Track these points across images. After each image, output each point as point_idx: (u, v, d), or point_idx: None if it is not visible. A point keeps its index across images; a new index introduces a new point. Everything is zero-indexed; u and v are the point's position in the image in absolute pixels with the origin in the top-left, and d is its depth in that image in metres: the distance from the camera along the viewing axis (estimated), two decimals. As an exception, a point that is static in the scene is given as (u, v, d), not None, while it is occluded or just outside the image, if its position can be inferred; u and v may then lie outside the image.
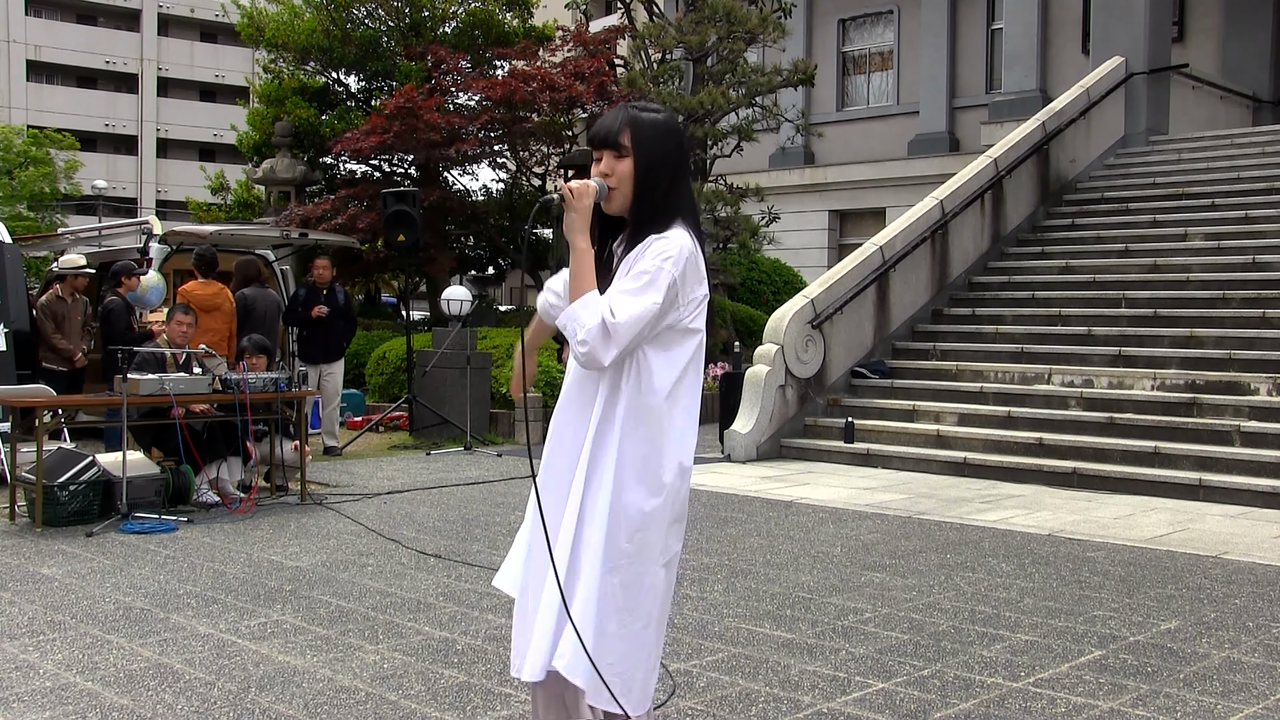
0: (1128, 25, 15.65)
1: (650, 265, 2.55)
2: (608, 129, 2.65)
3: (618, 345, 2.50)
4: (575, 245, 2.57)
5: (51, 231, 25.54)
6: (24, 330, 9.97)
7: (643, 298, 2.52)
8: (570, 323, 2.52)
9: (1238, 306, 10.95)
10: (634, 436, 2.60)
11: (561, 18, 22.80)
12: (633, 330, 2.51)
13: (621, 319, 2.49)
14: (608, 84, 16.31)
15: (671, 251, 2.57)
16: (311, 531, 7.13)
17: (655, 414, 2.61)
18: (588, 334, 2.48)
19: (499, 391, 12.76)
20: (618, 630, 2.58)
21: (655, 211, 2.64)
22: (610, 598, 2.58)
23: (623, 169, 2.63)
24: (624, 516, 2.60)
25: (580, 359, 2.53)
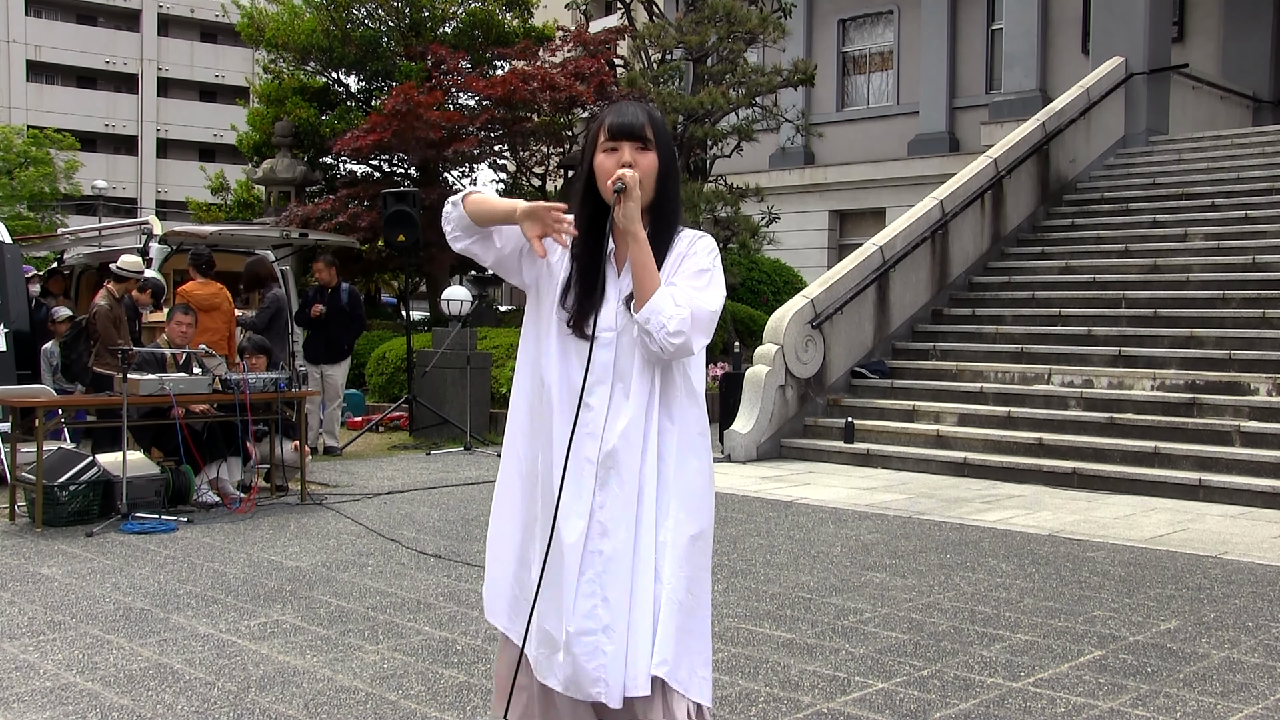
0: (1128, 25, 15.65)
1: (708, 262, 2.63)
2: (633, 120, 2.63)
3: (707, 334, 2.58)
4: (637, 236, 2.55)
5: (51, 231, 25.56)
6: (24, 330, 9.97)
7: (712, 291, 2.60)
8: (655, 315, 2.51)
9: (1238, 306, 10.95)
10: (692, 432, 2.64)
11: (561, 18, 22.80)
12: (713, 321, 2.59)
13: (712, 308, 2.58)
14: (608, 84, 16.31)
15: (715, 249, 2.67)
16: (311, 531, 7.13)
17: (700, 410, 2.68)
18: (681, 324, 2.51)
19: (499, 391, 12.76)
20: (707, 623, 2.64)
21: (673, 209, 2.69)
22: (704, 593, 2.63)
23: (647, 162, 2.61)
24: (708, 517, 2.65)
25: (671, 350, 2.53)
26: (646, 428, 2.59)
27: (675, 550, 2.57)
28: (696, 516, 2.61)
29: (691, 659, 2.57)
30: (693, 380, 2.67)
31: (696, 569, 2.60)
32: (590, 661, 2.52)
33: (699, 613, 2.60)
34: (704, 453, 2.67)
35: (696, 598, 2.59)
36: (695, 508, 2.61)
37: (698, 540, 2.61)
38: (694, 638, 2.58)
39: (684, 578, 2.57)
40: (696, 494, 2.62)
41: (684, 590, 2.56)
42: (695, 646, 2.58)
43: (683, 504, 2.60)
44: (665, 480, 2.60)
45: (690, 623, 2.57)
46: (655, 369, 2.61)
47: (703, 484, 2.64)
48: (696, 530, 2.60)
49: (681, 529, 2.58)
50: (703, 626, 2.61)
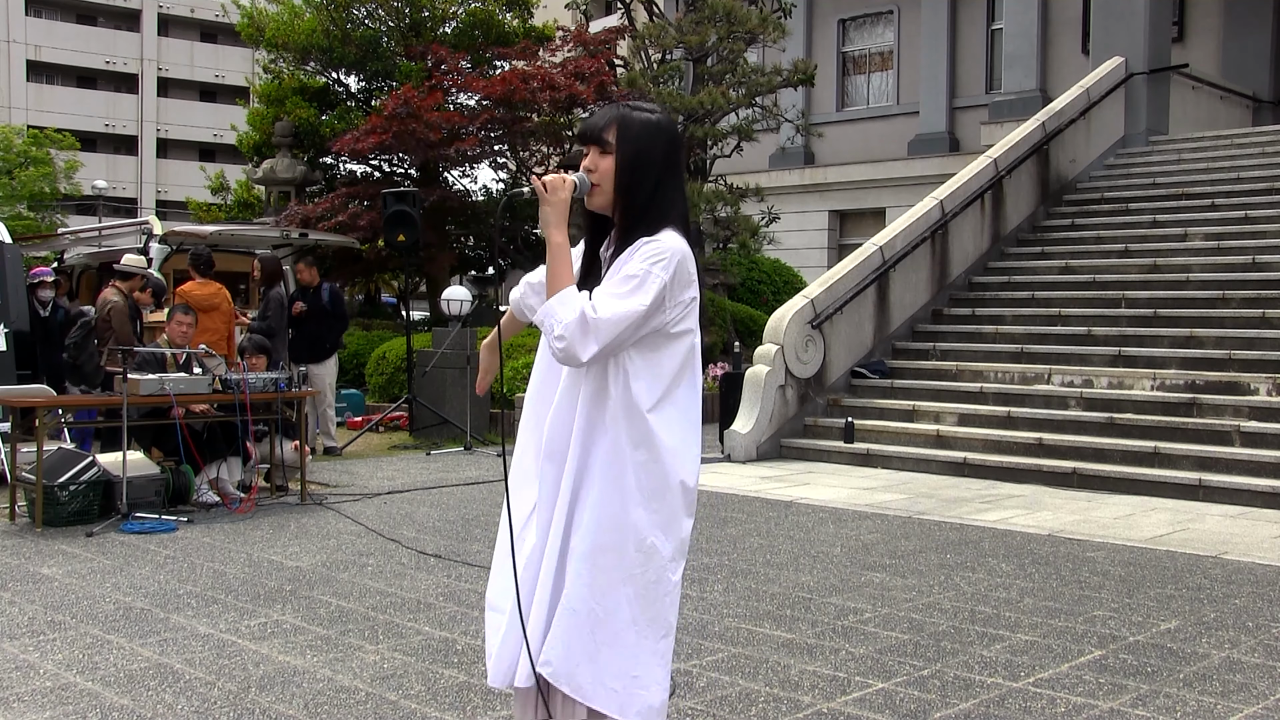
0: (1128, 25, 15.65)
1: (639, 269, 2.50)
2: (594, 125, 2.62)
3: (598, 342, 2.44)
4: (550, 239, 2.53)
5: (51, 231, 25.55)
6: (24, 330, 9.96)
7: (629, 300, 2.46)
8: (548, 318, 2.47)
9: (1238, 306, 10.95)
10: (623, 443, 2.55)
11: (561, 18, 22.80)
12: (615, 329, 2.44)
13: (604, 316, 2.43)
14: (608, 84, 16.31)
15: (663, 255, 2.51)
16: (311, 531, 7.13)
17: (645, 421, 2.55)
18: (565, 329, 2.43)
19: (499, 391, 12.76)
20: (634, 642, 2.55)
21: (641, 212, 2.58)
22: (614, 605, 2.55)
23: (605, 165, 2.59)
24: (635, 534, 2.56)
25: (557, 355, 2.48)
26: (568, 431, 2.58)
27: (578, 559, 2.54)
28: (612, 531, 2.54)
29: (599, 668, 2.52)
30: (634, 389, 2.54)
31: (610, 582, 2.53)
32: (490, 638, 2.66)
33: (610, 626, 2.53)
34: (636, 467, 2.54)
35: (603, 609, 2.53)
36: (611, 523, 2.54)
37: (608, 554, 2.54)
38: (602, 647, 2.53)
39: (585, 586, 2.52)
40: (615, 509, 2.54)
41: (582, 598, 2.52)
42: (605, 657, 2.53)
43: (594, 517, 2.54)
44: (584, 488, 2.57)
45: (594, 632, 2.52)
46: (582, 374, 2.57)
47: (625, 501, 2.54)
48: (610, 545, 2.54)
49: (587, 540, 2.54)
50: (616, 639, 2.54)
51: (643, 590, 2.56)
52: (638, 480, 2.55)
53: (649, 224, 2.58)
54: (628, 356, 2.53)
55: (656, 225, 2.58)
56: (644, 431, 2.55)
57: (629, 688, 2.54)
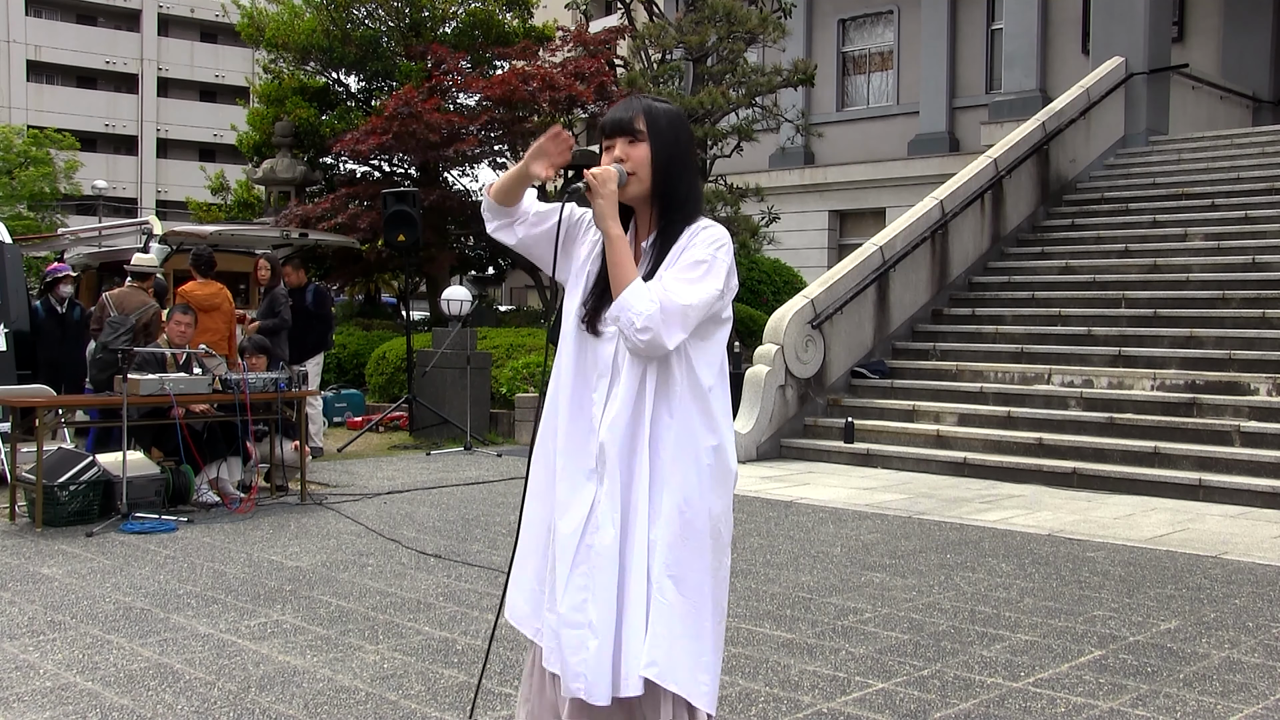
0: (1128, 25, 15.65)
1: (705, 254, 2.54)
2: (622, 115, 2.62)
3: (683, 329, 2.47)
4: (609, 233, 2.53)
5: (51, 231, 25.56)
6: (24, 330, 9.96)
7: (703, 284, 2.50)
8: (624, 312, 2.46)
9: (1238, 306, 10.95)
10: (697, 429, 2.56)
11: (561, 18, 22.80)
12: (697, 315, 2.49)
13: (687, 301, 2.47)
14: (608, 84, 16.31)
15: (722, 240, 2.57)
16: (311, 531, 7.13)
17: (710, 404, 2.59)
18: (648, 320, 2.43)
19: (499, 391, 12.76)
20: (711, 629, 2.56)
21: (679, 200, 2.62)
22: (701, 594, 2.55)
23: (638, 154, 2.59)
24: (709, 516, 2.57)
25: (641, 347, 2.47)
26: (638, 423, 2.55)
27: (664, 549, 2.52)
28: (692, 515, 2.54)
29: (690, 661, 2.50)
30: (699, 375, 2.57)
31: (692, 570, 2.53)
32: (573, 655, 2.51)
33: (695, 615, 2.52)
34: (708, 450, 2.57)
35: (690, 599, 2.52)
36: (691, 506, 2.54)
37: (694, 539, 2.53)
38: (690, 639, 2.51)
39: (673, 578, 2.51)
40: (692, 492, 2.54)
41: (673, 590, 2.50)
42: (692, 649, 2.51)
43: (677, 502, 2.53)
44: (659, 477, 2.54)
45: (684, 625, 2.50)
46: (648, 363, 2.55)
47: (702, 482, 2.56)
48: (693, 529, 2.53)
49: (673, 528, 2.52)
50: (699, 629, 2.53)
51: (717, 578, 2.59)
52: (711, 465, 2.58)
53: (685, 212, 2.62)
54: (688, 341, 2.55)
55: (693, 213, 2.63)
56: (710, 416, 2.59)
57: (713, 680, 2.56)
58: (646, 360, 2.54)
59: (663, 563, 2.51)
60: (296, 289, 11.06)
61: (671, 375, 2.57)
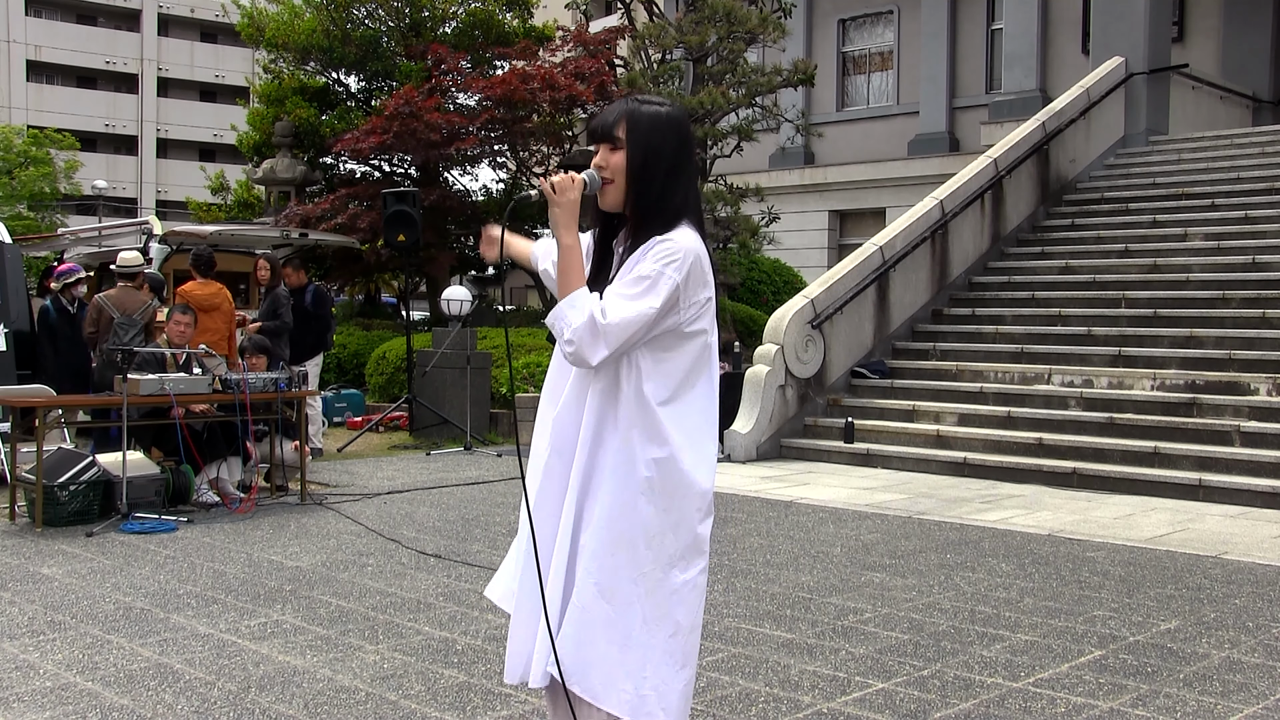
0: (1128, 25, 15.65)
1: (650, 269, 2.46)
2: (603, 121, 2.60)
3: (607, 347, 2.43)
4: (560, 241, 2.50)
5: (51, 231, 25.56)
6: (24, 330, 9.95)
7: (639, 302, 2.44)
8: (558, 321, 2.45)
9: (1238, 306, 10.95)
10: (639, 441, 2.53)
11: (561, 18, 22.80)
12: (624, 333, 2.43)
13: (613, 320, 2.42)
14: (608, 84, 16.30)
15: (676, 255, 2.48)
16: (311, 531, 7.13)
17: (659, 417, 2.53)
18: (574, 333, 2.42)
19: (499, 391, 12.76)
20: (646, 641, 2.52)
21: (654, 208, 2.55)
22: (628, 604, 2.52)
23: (616, 161, 2.56)
24: (645, 532, 2.53)
25: (568, 358, 2.49)
26: (578, 425, 2.57)
27: (588, 556, 2.52)
28: (624, 529, 2.51)
29: (610, 669, 2.49)
30: (646, 388, 2.51)
31: (619, 580, 2.51)
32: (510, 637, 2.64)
33: (620, 623, 2.51)
34: (648, 463, 2.52)
35: (615, 608, 2.50)
36: (622, 519, 2.51)
37: (621, 552, 2.52)
38: (609, 646, 2.50)
39: (592, 585, 2.50)
40: (628, 503, 2.51)
41: (593, 597, 2.50)
42: (611, 656, 2.50)
43: (607, 511, 2.52)
44: (595, 483, 2.55)
45: (603, 631, 2.50)
46: (595, 372, 2.53)
47: (637, 498, 2.52)
48: (623, 542, 2.52)
49: (599, 537, 2.52)
50: (625, 638, 2.51)
51: (653, 588, 2.53)
52: (649, 477, 2.53)
53: (663, 220, 2.55)
54: (640, 354, 2.52)
55: (671, 221, 2.55)
56: (656, 428, 2.52)
57: (639, 689, 2.51)
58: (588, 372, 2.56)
59: (585, 569, 2.53)
60: (296, 289, 11.06)
61: (619, 385, 2.54)
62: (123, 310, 9.03)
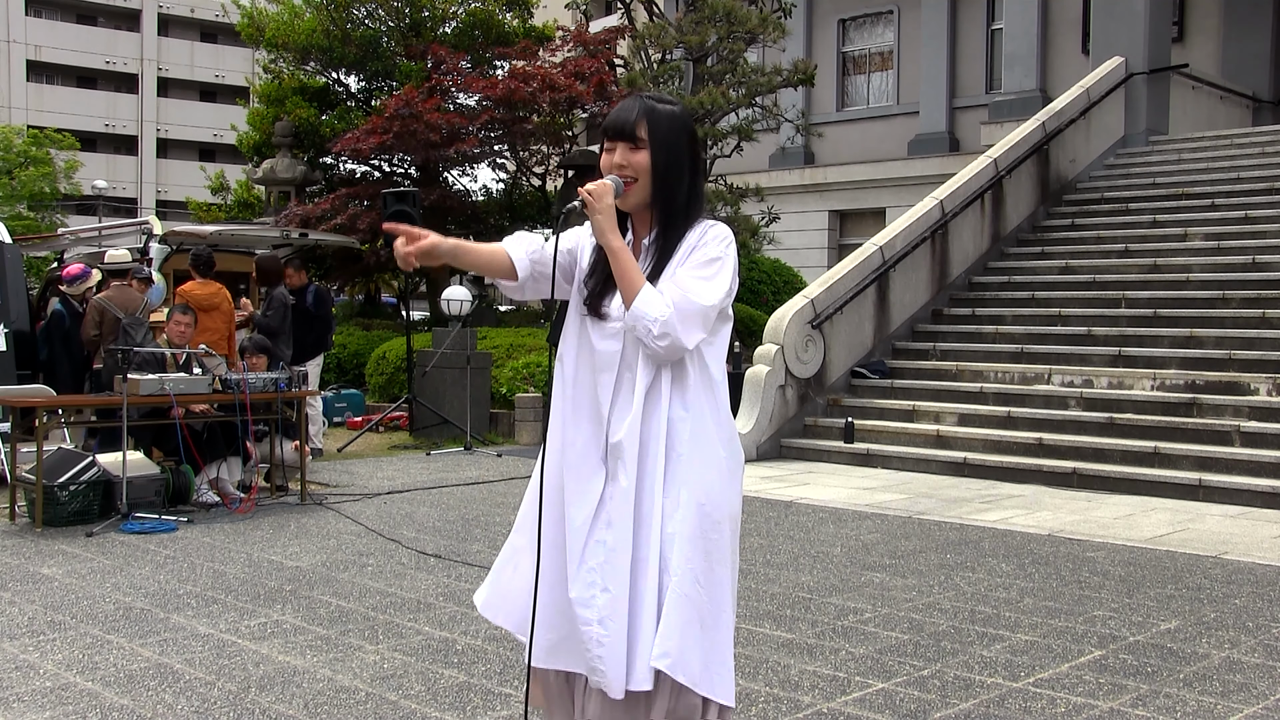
0: (1128, 25, 15.65)
1: (718, 251, 2.57)
2: (624, 120, 2.61)
3: (703, 328, 2.52)
4: (610, 245, 2.54)
5: (51, 231, 25.55)
6: (24, 330, 9.94)
7: (718, 281, 2.55)
8: (640, 320, 2.48)
9: (1238, 306, 10.95)
10: (711, 423, 2.59)
11: (561, 18, 22.80)
12: (714, 312, 2.54)
13: (706, 301, 2.51)
14: (608, 84, 16.31)
15: (729, 238, 2.61)
16: (311, 531, 7.13)
17: (722, 399, 2.63)
18: (665, 325, 2.47)
19: (499, 391, 12.76)
20: (728, 621, 2.59)
21: (679, 204, 2.62)
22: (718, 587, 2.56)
23: (639, 161, 2.59)
24: (727, 508, 2.58)
25: (661, 352, 2.50)
26: (654, 418, 2.55)
27: (683, 542, 2.52)
28: (711, 509, 2.55)
29: (705, 654, 2.51)
30: (710, 369, 2.61)
31: (711, 562, 2.54)
32: (590, 650, 2.52)
33: (713, 607, 2.54)
34: (722, 443, 2.60)
35: (708, 591, 2.53)
36: (710, 499, 2.55)
37: (713, 533, 2.55)
38: (707, 631, 2.52)
39: (690, 570, 2.51)
40: (711, 485, 2.56)
41: (690, 583, 2.51)
42: (708, 641, 2.52)
43: (694, 495, 2.54)
44: (675, 471, 2.55)
45: (701, 616, 2.51)
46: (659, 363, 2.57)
47: (719, 475, 2.58)
48: (712, 522, 2.55)
49: (691, 521, 2.53)
50: (717, 621, 2.55)
51: (731, 569, 2.61)
52: (725, 458, 2.60)
53: (686, 215, 2.63)
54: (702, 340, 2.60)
55: (694, 216, 2.64)
56: (723, 409, 2.63)
57: (729, 671, 2.58)
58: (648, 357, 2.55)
59: (683, 556, 2.52)
60: (297, 289, 11.06)
61: (685, 370, 2.59)
62: (125, 310, 9.02)
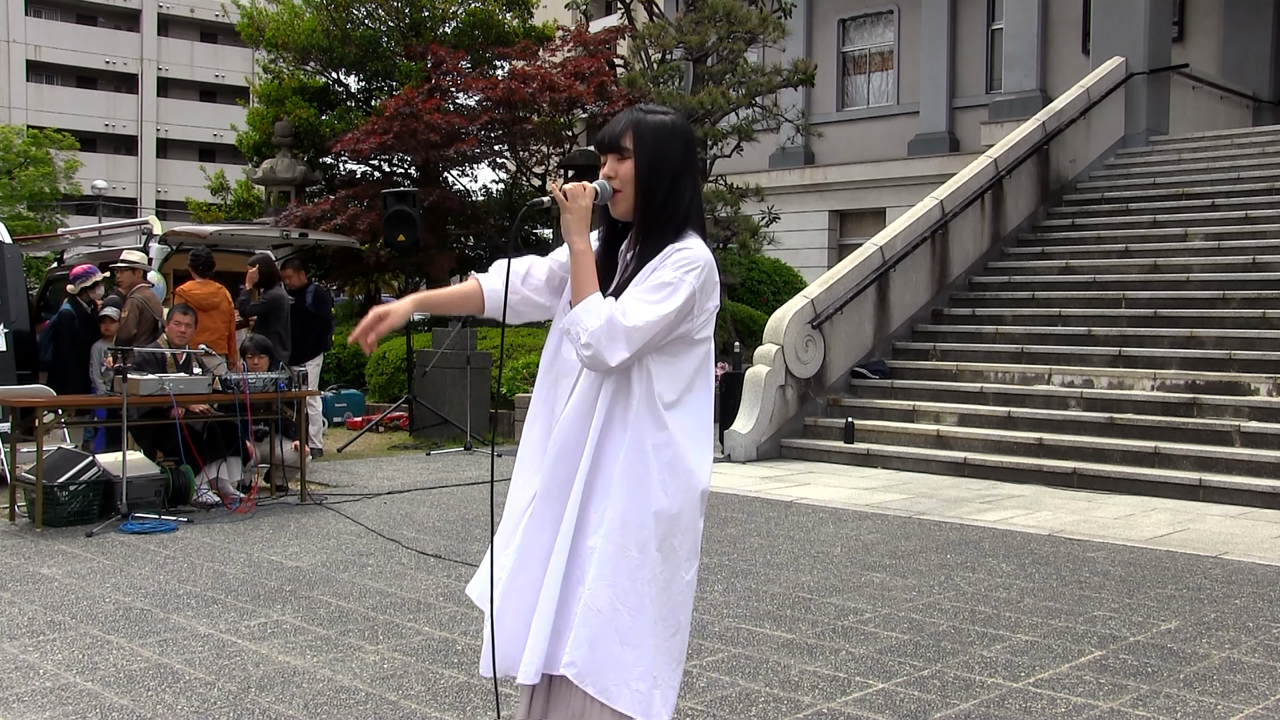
0: (1128, 25, 15.65)
1: (672, 276, 2.53)
2: (610, 131, 2.64)
3: (628, 348, 2.48)
4: (573, 247, 2.55)
5: (51, 231, 25.55)
6: (24, 330, 9.94)
7: (659, 306, 2.50)
8: (574, 325, 2.50)
9: (1238, 306, 10.95)
10: (646, 443, 2.57)
11: (561, 18, 22.79)
12: (644, 336, 2.49)
13: (634, 323, 2.47)
14: (608, 84, 16.30)
15: (696, 264, 2.55)
16: (311, 531, 7.13)
17: (668, 420, 2.58)
18: (591, 336, 2.46)
19: (499, 391, 12.76)
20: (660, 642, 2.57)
21: (660, 215, 2.61)
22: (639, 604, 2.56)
23: (625, 171, 2.61)
24: (656, 531, 2.57)
25: (585, 362, 2.52)
26: (587, 429, 2.58)
27: (601, 559, 2.54)
28: (636, 529, 2.55)
29: (622, 670, 2.53)
30: (658, 391, 2.57)
31: (634, 582, 2.54)
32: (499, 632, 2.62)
33: (632, 625, 2.54)
34: (662, 464, 2.56)
35: (627, 609, 2.54)
36: (636, 519, 2.55)
37: (633, 552, 2.54)
38: (622, 647, 2.53)
39: (606, 588, 2.53)
40: (640, 505, 2.55)
41: (605, 600, 2.53)
42: (623, 657, 2.53)
43: (620, 513, 2.55)
44: (605, 486, 2.56)
45: (616, 633, 2.53)
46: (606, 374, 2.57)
47: (650, 497, 2.56)
48: (634, 542, 2.54)
49: (613, 539, 2.54)
50: (636, 638, 2.54)
51: (663, 589, 2.59)
52: (660, 479, 2.57)
53: (671, 227, 2.61)
54: (651, 358, 2.57)
55: (679, 228, 2.61)
56: (666, 431, 2.58)
57: (650, 689, 2.56)
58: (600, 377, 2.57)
59: (599, 571, 2.54)
60: (297, 290, 11.06)
61: (630, 388, 2.58)
62: (158, 312, 9.06)
